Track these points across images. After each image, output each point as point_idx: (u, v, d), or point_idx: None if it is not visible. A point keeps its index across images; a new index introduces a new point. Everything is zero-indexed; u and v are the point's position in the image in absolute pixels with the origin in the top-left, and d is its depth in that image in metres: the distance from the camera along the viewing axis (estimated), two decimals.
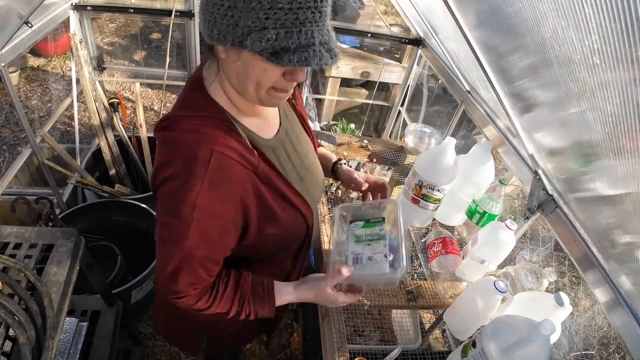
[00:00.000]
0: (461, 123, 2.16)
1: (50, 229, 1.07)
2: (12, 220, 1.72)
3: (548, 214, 1.21)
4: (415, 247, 1.69)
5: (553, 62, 0.80)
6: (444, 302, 1.24)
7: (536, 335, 0.80)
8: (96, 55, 2.59)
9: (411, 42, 2.47)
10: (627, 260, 0.91)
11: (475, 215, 1.34)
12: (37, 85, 3.92)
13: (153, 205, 2.21)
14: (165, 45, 2.44)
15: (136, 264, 2.09)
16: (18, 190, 2.42)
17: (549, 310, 0.97)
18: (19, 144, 3.30)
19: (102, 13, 2.38)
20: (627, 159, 0.74)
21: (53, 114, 2.38)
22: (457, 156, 1.28)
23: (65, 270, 0.99)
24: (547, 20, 0.73)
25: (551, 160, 1.10)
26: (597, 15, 0.59)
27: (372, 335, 1.49)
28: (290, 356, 2.11)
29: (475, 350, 0.90)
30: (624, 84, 0.63)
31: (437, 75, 2.23)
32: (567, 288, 2.68)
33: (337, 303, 0.95)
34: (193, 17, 2.28)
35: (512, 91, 1.09)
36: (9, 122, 3.48)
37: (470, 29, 1.07)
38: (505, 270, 1.27)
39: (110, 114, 2.47)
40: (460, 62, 1.72)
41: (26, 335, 0.84)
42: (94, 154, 2.55)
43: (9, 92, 1.76)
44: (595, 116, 0.76)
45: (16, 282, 0.93)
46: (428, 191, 1.26)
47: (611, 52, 0.61)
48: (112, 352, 1.37)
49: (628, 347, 0.92)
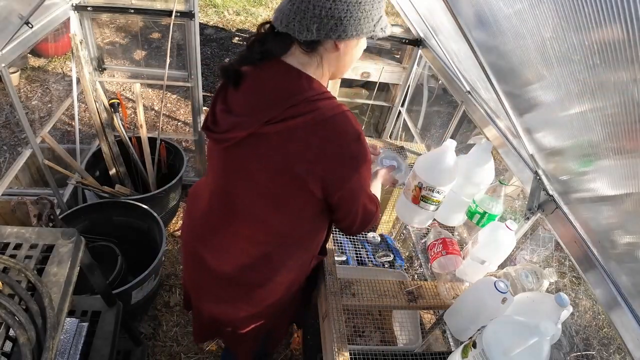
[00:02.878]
0: (461, 123, 2.16)
1: (51, 230, 1.07)
2: (12, 220, 1.72)
3: (548, 214, 1.21)
4: (416, 247, 1.69)
5: (553, 62, 0.80)
6: (445, 303, 1.24)
7: (536, 335, 0.80)
8: (96, 56, 2.59)
9: (411, 42, 2.47)
10: (628, 261, 0.91)
11: (475, 216, 1.34)
12: (38, 86, 3.92)
13: (153, 205, 2.22)
14: (166, 46, 2.44)
15: (136, 264, 2.09)
16: (18, 190, 2.42)
17: (549, 311, 0.96)
18: (20, 144, 3.30)
19: (103, 13, 2.38)
20: (627, 159, 0.74)
21: (53, 115, 2.38)
22: (457, 157, 1.28)
23: (65, 271, 0.99)
24: (547, 20, 0.73)
25: (551, 160, 1.10)
26: (597, 15, 0.59)
27: (373, 336, 1.49)
28: (290, 356, 2.11)
29: (475, 351, 0.90)
30: (624, 84, 0.63)
31: (437, 76, 2.23)
32: (567, 288, 2.67)
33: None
34: (193, 17, 2.28)
35: (513, 91, 1.09)
36: (9, 122, 3.48)
37: (470, 29, 1.07)
38: (505, 271, 1.26)
39: (111, 114, 2.47)
40: (460, 63, 1.72)
41: (26, 336, 0.84)
42: (95, 155, 2.55)
43: (9, 92, 1.76)
44: (595, 116, 0.76)
45: (16, 282, 0.93)
46: (428, 193, 1.26)
47: (611, 52, 0.61)
48: (112, 352, 1.37)
49: (628, 347, 0.91)
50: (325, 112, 0.90)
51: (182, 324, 2.20)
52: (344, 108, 0.94)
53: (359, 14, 0.85)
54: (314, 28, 0.86)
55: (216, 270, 1.14)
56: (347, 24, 0.86)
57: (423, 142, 2.33)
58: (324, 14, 0.84)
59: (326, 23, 0.85)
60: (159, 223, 2.10)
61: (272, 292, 1.18)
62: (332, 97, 0.95)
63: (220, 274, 1.13)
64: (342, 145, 0.91)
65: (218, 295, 1.21)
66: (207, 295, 1.24)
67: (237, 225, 1.07)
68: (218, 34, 5.24)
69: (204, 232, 1.15)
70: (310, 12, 0.85)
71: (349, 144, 0.92)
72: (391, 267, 1.68)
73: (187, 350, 2.09)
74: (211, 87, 4.31)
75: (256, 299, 1.18)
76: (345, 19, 0.85)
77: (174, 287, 2.36)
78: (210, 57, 4.79)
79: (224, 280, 1.15)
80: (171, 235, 2.66)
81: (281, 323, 1.43)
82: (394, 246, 1.79)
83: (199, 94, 2.62)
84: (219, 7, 5.80)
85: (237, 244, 1.10)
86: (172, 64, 2.76)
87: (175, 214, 2.70)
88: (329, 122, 0.90)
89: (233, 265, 1.12)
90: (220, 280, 1.16)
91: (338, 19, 0.84)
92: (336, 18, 0.84)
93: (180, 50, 2.76)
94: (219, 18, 5.60)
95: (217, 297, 1.21)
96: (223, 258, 1.12)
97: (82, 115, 3.44)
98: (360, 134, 0.93)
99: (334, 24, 0.85)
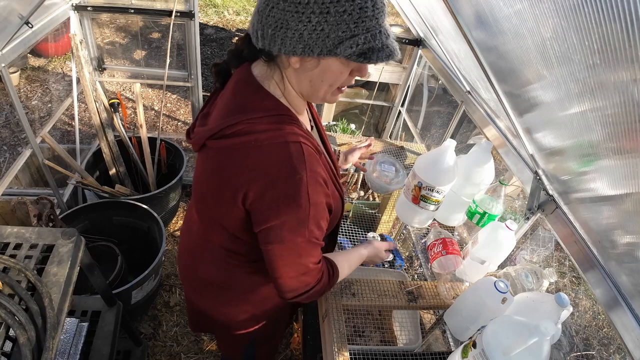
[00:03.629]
0: (461, 123, 2.16)
1: (51, 229, 1.07)
2: (12, 220, 1.72)
3: (548, 214, 1.21)
4: (416, 247, 1.69)
5: (553, 62, 0.80)
6: (445, 303, 1.24)
7: (536, 335, 0.80)
8: (96, 56, 2.59)
9: (411, 42, 2.47)
10: (628, 261, 0.91)
11: (475, 216, 1.34)
12: (38, 86, 3.92)
13: (153, 205, 2.22)
14: (166, 46, 2.44)
15: (136, 264, 2.09)
16: (18, 190, 2.42)
17: (549, 311, 0.96)
18: (20, 144, 3.30)
19: (102, 13, 2.38)
20: (627, 159, 0.74)
21: (53, 115, 2.38)
22: (457, 157, 1.28)
23: (65, 271, 0.99)
24: (547, 20, 0.73)
25: (551, 160, 1.10)
26: (597, 15, 0.59)
27: (373, 336, 1.49)
28: (290, 356, 2.11)
29: (475, 351, 0.90)
30: (624, 84, 0.63)
31: (437, 76, 2.23)
32: (567, 288, 2.68)
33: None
34: (193, 17, 2.28)
35: (513, 91, 1.09)
36: (9, 122, 3.48)
37: (470, 29, 1.07)
38: (505, 271, 1.26)
39: (111, 114, 2.47)
40: (460, 63, 1.72)
41: (26, 336, 0.84)
42: (95, 154, 2.55)
43: (9, 92, 1.76)
44: (595, 116, 0.76)
45: (16, 282, 0.93)
46: (427, 192, 1.26)
47: (611, 52, 0.61)
48: (112, 352, 1.37)
49: (628, 347, 0.91)
50: (262, 138, 0.79)
51: (182, 324, 2.20)
52: (290, 139, 0.80)
53: (299, 26, 0.71)
54: (259, 34, 0.77)
55: (197, 274, 1.12)
56: (285, 37, 0.73)
57: (423, 142, 2.33)
58: (264, 20, 0.74)
59: (266, 31, 0.75)
60: (159, 223, 2.10)
61: (250, 303, 1.13)
62: (284, 122, 0.82)
63: (202, 278, 1.12)
64: (268, 179, 0.78)
65: (201, 294, 1.19)
66: (191, 290, 1.23)
67: (204, 233, 1.06)
68: (218, 34, 5.25)
69: (183, 236, 1.18)
70: (257, 15, 0.76)
71: (276, 181, 0.78)
72: (391, 267, 1.68)
73: (187, 350, 2.09)
74: (211, 87, 4.32)
75: (237, 306, 1.14)
76: (282, 30, 0.72)
77: (174, 287, 2.36)
78: (210, 57, 4.79)
79: (206, 283, 1.13)
80: (171, 235, 2.66)
81: (268, 336, 1.31)
82: (394, 246, 1.79)
83: (199, 94, 2.62)
84: (219, 7, 5.80)
85: (206, 251, 1.07)
86: (172, 64, 2.76)
87: (175, 214, 2.70)
88: (263, 149, 0.79)
89: (208, 272, 1.09)
90: (202, 282, 1.14)
91: (275, 28, 0.73)
92: (273, 27, 0.73)
93: (180, 50, 2.76)
94: (219, 18, 5.60)
95: (199, 295, 1.19)
96: (197, 264, 1.11)
97: (82, 115, 3.44)
98: (298, 172, 0.77)
99: (272, 33, 0.74)
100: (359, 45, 0.72)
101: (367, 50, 0.73)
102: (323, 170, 0.87)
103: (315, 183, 0.81)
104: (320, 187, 0.83)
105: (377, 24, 0.73)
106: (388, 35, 0.74)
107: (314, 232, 0.84)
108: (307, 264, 0.88)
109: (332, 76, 0.80)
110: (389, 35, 0.75)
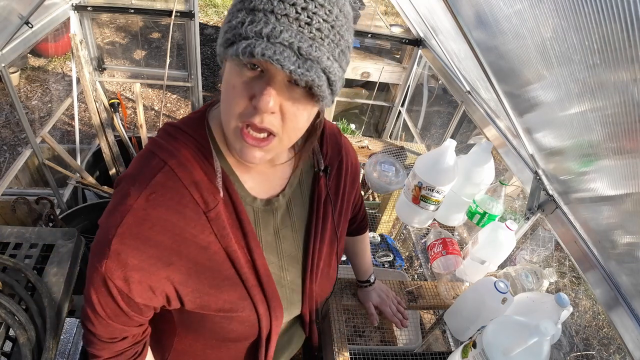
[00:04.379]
0: (461, 123, 2.16)
1: (51, 229, 1.07)
2: (12, 220, 1.72)
3: (548, 214, 1.21)
4: (416, 247, 1.69)
5: (553, 62, 0.80)
6: (445, 303, 1.24)
7: (536, 335, 0.80)
8: (96, 56, 2.59)
9: (411, 42, 2.47)
10: (628, 261, 0.91)
11: (475, 216, 1.34)
12: (38, 86, 3.92)
13: None
14: (166, 46, 2.44)
15: None
16: (18, 190, 2.42)
17: (549, 311, 0.96)
18: (20, 144, 3.30)
19: (102, 13, 2.38)
20: (627, 159, 0.74)
21: (53, 115, 2.38)
22: (457, 157, 1.28)
23: (65, 271, 0.99)
24: (547, 20, 0.73)
25: (551, 160, 1.10)
26: (597, 15, 0.59)
27: (373, 336, 1.49)
28: None
29: (475, 351, 0.90)
30: (624, 84, 0.63)
31: (437, 76, 2.23)
32: (567, 288, 2.68)
33: None
34: (193, 17, 2.28)
35: (513, 91, 1.09)
36: (9, 122, 3.48)
37: (470, 29, 1.07)
38: (505, 271, 1.27)
39: (111, 114, 2.47)
40: (460, 63, 1.72)
41: (26, 336, 0.84)
42: (95, 154, 2.55)
43: (9, 92, 1.76)
44: (595, 116, 0.76)
45: (16, 282, 0.93)
46: (427, 192, 1.26)
47: (611, 52, 0.61)
48: None
49: (628, 347, 0.91)
50: (144, 148, 0.68)
51: None
52: (162, 157, 0.63)
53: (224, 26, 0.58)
54: None
55: None
56: None
57: (423, 142, 2.33)
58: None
59: None
60: None
61: None
62: (185, 140, 0.65)
63: None
64: None
65: None
66: None
67: None
68: (218, 34, 5.25)
69: None
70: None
71: (112, 195, 0.66)
72: (391, 267, 1.68)
73: None
74: (211, 87, 4.31)
75: None
76: None
77: None
78: (210, 57, 4.79)
79: None
80: None
81: None
82: (394, 246, 1.79)
83: (199, 94, 2.62)
84: (219, 7, 5.80)
85: None
86: (172, 64, 2.76)
87: None
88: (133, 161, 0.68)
89: None
90: None
91: None
92: None
93: (180, 50, 2.77)
94: (219, 18, 5.60)
95: None
96: None
97: (82, 115, 3.44)
98: (127, 195, 0.61)
99: None
100: (238, 44, 0.52)
101: (233, 36, 0.54)
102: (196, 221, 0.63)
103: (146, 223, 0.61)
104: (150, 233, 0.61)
105: (266, 11, 0.51)
106: (280, 33, 0.50)
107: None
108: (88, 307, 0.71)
109: (234, 76, 0.58)
110: (283, 34, 0.50)
